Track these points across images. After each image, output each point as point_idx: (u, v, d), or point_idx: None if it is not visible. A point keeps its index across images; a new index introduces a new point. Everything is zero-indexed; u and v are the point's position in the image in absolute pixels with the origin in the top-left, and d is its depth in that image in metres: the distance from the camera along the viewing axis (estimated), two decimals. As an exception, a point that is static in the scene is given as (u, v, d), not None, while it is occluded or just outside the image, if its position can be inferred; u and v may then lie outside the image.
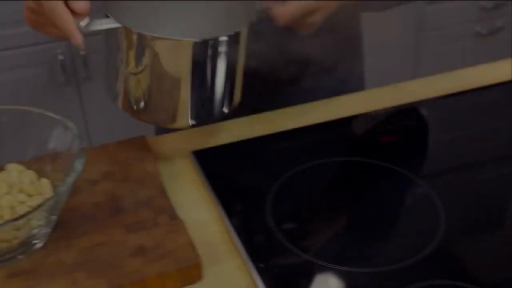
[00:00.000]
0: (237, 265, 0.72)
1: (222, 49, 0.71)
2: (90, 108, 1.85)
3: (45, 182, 0.75)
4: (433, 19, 2.15)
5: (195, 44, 0.70)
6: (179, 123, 0.78)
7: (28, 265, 0.69)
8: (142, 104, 0.76)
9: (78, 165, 0.68)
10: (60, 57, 1.77)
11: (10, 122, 0.77)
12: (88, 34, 0.69)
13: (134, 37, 0.70)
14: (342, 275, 0.69)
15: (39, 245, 0.70)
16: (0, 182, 0.75)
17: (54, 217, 0.70)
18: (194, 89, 0.74)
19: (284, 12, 0.70)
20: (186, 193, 0.83)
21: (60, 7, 0.66)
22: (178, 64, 0.71)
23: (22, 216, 0.64)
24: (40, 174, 0.77)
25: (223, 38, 0.71)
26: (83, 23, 0.68)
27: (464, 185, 0.82)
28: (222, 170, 0.86)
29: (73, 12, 0.67)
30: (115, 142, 0.87)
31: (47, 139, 0.75)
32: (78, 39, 0.67)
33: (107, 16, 0.70)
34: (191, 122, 0.78)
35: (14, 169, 0.76)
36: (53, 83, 1.80)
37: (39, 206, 0.64)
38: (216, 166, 0.86)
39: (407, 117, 0.98)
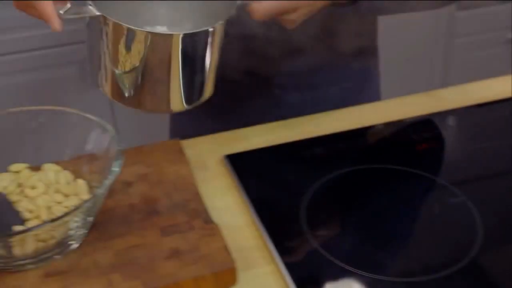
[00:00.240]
0: (271, 271, 0.71)
1: (189, 43, 0.70)
2: (119, 109, 1.86)
3: (81, 183, 0.76)
4: (464, 26, 2.13)
5: (170, 36, 0.69)
6: (161, 108, 0.76)
7: (64, 265, 0.69)
8: (125, 90, 0.74)
9: (116, 167, 0.68)
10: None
11: (47, 123, 0.77)
12: (69, 21, 0.69)
13: (111, 26, 0.69)
14: (375, 283, 0.68)
15: (75, 245, 0.71)
16: (37, 182, 0.75)
17: (90, 219, 0.70)
18: (174, 77, 0.72)
19: (260, 8, 0.70)
20: (219, 197, 0.83)
21: None
22: (151, 55, 0.70)
23: (60, 217, 0.64)
24: (77, 175, 0.78)
25: (190, 33, 0.70)
26: (62, 10, 0.69)
27: (501, 195, 0.81)
28: (255, 175, 0.86)
29: None
30: (149, 144, 0.88)
31: (85, 140, 0.76)
32: (55, 23, 0.67)
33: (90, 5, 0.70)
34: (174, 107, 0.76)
35: (50, 169, 0.77)
36: (84, 83, 1.82)
37: (77, 208, 0.65)
38: (249, 170, 0.86)
39: (440, 125, 0.97)
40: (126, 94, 0.73)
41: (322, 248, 0.73)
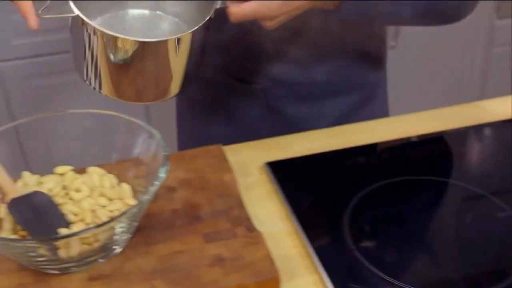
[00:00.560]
0: (314, 281, 0.71)
1: (155, 49, 0.73)
2: (155, 112, 1.87)
3: (125, 187, 0.76)
4: (503, 35, 2.10)
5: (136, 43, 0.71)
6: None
7: (108, 269, 0.69)
8: (106, 84, 0.77)
9: (163, 173, 0.68)
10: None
11: (93, 126, 0.78)
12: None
13: (90, 28, 0.71)
14: (422, 297, 0.67)
15: (118, 250, 0.71)
16: (82, 185, 0.75)
17: (135, 224, 0.70)
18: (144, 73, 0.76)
19: (237, 11, 0.73)
20: (260, 204, 0.82)
21: None
22: (121, 56, 0.73)
23: (106, 223, 0.64)
24: (121, 178, 0.78)
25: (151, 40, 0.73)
26: (41, 9, 0.69)
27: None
28: (298, 183, 0.85)
29: None
30: (191, 150, 0.88)
31: (131, 145, 0.76)
32: (30, 21, 0.68)
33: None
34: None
35: (95, 173, 0.77)
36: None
37: (123, 213, 0.65)
38: (291, 178, 0.86)
39: (481, 137, 0.95)
40: (108, 88, 0.76)
41: (365, 259, 0.72)
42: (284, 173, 0.86)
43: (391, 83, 2.13)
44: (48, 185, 0.75)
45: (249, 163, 0.90)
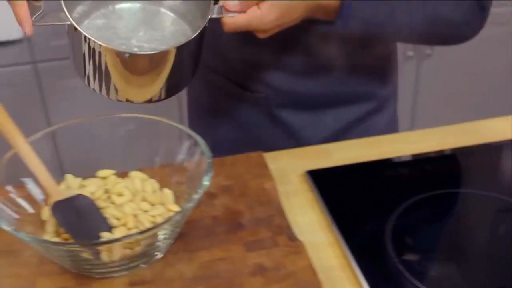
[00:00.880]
0: (355, 293, 0.70)
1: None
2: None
3: (167, 192, 0.76)
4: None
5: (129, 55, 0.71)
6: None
7: (149, 275, 0.69)
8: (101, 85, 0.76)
9: (206, 181, 0.68)
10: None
11: (137, 130, 0.78)
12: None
13: (82, 37, 0.71)
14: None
15: (159, 255, 0.71)
16: (124, 189, 0.76)
17: (177, 230, 0.70)
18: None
19: (231, 22, 0.75)
20: (300, 213, 0.81)
21: None
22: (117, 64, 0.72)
23: (149, 229, 0.64)
24: (162, 183, 0.78)
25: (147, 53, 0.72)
26: (35, 16, 0.69)
27: None
28: (338, 192, 0.84)
29: None
30: (232, 156, 0.87)
31: (174, 150, 0.76)
32: (26, 28, 0.69)
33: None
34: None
35: (137, 177, 0.77)
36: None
37: (167, 220, 0.65)
38: (331, 187, 0.85)
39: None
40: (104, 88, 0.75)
41: (408, 272, 0.71)
42: (325, 181, 0.86)
43: (426, 92, 2.11)
44: (91, 188, 0.76)
45: (289, 170, 0.89)
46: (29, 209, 0.73)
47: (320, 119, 0.99)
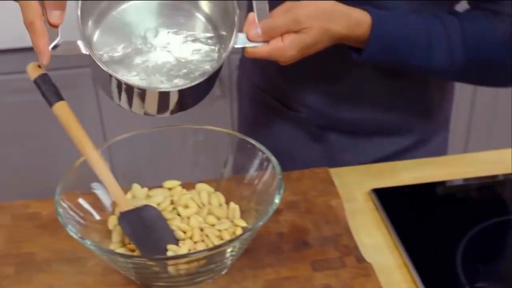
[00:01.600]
0: (425, 320, 0.67)
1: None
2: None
3: (233, 207, 0.74)
4: None
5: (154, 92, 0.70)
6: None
7: (214, 290, 0.68)
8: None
9: (277, 199, 0.66)
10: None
11: (205, 141, 0.77)
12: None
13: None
14: None
15: (224, 271, 0.69)
16: (190, 201, 0.75)
17: (244, 246, 0.69)
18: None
19: (253, 52, 0.74)
20: (366, 233, 0.79)
21: (38, 23, 0.65)
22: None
23: (218, 246, 0.63)
24: (228, 197, 0.76)
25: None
26: (53, 44, 0.67)
27: None
28: (405, 212, 0.82)
29: (50, 24, 0.67)
30: (297, 171, 0.86)
31: (242, 164, 0.75)
32: (44, 59, 0.67)
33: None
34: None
35: (203, 190, 0.77)
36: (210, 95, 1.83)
37: (237, 237, 0.63)
38: (398, 207, 0.82)
39: None
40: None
41: (480, 301, 0.68)
42: (391, 201, 0.83)
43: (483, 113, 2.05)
44: (157, 199, 0.75)
45: (354, 188, 0.87)
46: (96, 216, 0.73)
47: (362, 145, 0.97)
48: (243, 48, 0.74)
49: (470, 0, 0.85)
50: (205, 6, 0.77)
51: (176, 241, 0.70)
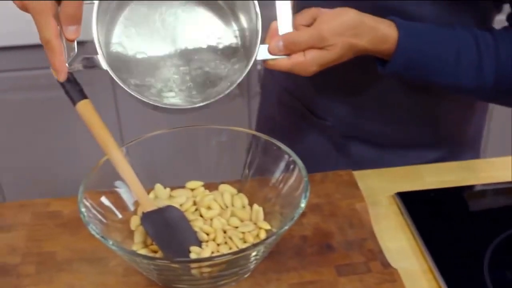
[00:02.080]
0: (452, 328, 0.66)
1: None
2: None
3: (257, 209, 0.73)
4: None
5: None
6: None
7: (237, 293, 0.67)
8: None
9: (303, 203, 0.65)
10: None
11: (228, 142, 0.76)
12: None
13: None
14: None
15: (247, 274, 0.68)
16: (213, 202, 0.74)
17: (268, 250, 0.68)
18: None
19: (273, 64, 0.72)
20: (390, 237, 0.78)
21: (54, 42, 0.63)
22: None
23: (242, 251, 0.62)
24: (251, 199, 0.75)
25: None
26: (69, 60, 0.66)
27: None
28: (431, 217, 0.80)
29: (66, 39, 0.65)
30: (320, 173, 0.84)
31: (267, 166, 0.74)
32: (61, 76, 0.66)
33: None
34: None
35: (226, 191, 0.76)
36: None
37: (262, 241, 0.62)
38: (424, 211, 0.81)
39: None
40: None
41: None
42: (416, 205, 0.82)
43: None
44: (179, 199, 0.74)
45: (377, 191, 0.86)
46: (118, 214, 0.72)
47: (387, 157, 0.94)
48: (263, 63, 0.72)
49: (510, 17, 0.81)
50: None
51: (199, 243, 0.69)
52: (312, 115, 0.97)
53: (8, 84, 1.57)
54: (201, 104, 0.69)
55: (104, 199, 0.71)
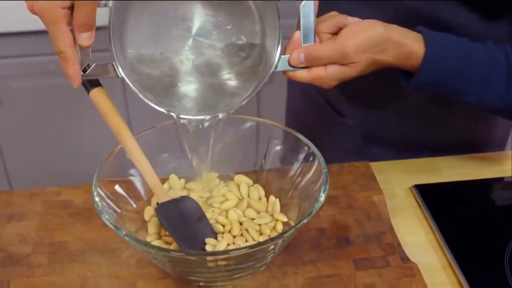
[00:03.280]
0: (472, 325, 0.65)
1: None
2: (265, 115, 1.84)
3: (274, 200, 0.72)
4: None
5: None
6: None
7: (253, 286, 0.66)
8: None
9: (322, 197, 0.63)
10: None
11: (249, 133, 0.74)
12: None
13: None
14: None
15: (264, 267, 0.67)
16: (228, 193, 0.72)
17: (285, 243, 0.66)
18: None
19: (292, 75, 0.70)
20: (408, 230, 0.76)
21: (68, 51, 0.62)
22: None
23: (260, 244, 0.60)
24: (267, 190, 0.74)
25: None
26: (83, 67, 0.64)
27: None
28: (450, 210, 0.78)
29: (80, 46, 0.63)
30: (337, 165, 0.83)
31: (288, 158, 0.72)
32: (75, 84, 0.65)
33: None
34: None
35: (242, 182, 0.74)
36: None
37: (280, 235, 0.61)
38: (441, 204, 0.79)
39: None
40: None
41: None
42: (434, 198, 0.80)
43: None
44: (195, 190, 0.73)
45: (395, 183, 0.84)
46: (132, 204, 0.71)
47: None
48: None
49: None
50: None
51: (214, 235, 0.68)
52: (335, 112, 0.95)
53: (19, 70, 1.55)
54: (219, 114, 0.68)
55: (118, 188, 0.70)
